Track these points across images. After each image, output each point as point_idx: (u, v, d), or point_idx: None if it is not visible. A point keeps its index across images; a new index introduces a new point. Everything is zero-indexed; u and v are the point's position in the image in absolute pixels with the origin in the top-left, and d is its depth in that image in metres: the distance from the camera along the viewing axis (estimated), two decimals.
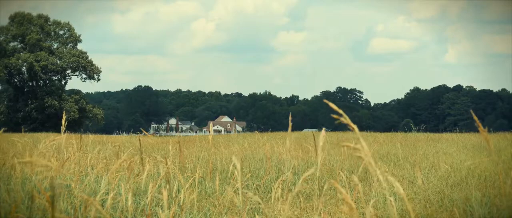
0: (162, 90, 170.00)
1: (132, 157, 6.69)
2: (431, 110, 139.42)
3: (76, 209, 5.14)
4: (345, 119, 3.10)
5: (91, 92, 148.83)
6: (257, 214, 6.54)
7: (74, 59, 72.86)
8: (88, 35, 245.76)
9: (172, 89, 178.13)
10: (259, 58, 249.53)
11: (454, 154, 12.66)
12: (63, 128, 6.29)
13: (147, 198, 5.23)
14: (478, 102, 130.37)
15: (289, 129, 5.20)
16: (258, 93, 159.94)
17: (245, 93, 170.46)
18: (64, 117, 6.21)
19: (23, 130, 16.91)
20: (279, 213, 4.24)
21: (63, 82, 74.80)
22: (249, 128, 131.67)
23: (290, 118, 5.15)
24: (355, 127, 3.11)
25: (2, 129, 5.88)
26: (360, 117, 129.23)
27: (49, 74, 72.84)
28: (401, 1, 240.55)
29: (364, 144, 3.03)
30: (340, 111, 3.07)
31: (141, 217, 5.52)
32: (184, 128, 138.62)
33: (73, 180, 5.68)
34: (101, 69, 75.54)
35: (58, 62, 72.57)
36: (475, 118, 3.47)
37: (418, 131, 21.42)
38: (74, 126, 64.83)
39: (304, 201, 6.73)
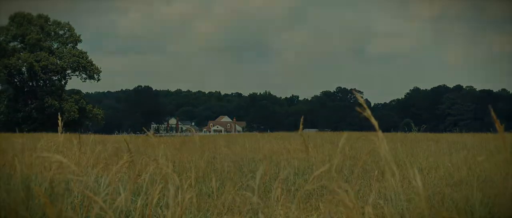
0: (162, 90, 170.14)
1: (132, 158, 6.69)
2: (431, 110, 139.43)
3: (77, 209, 5.13)
4: (368, 115, 3.20)
5: (91, 92, 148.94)
6: (257, 214, 6.55)
7: (74, 59, 72.89)
8: (88, 35, 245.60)
9: (172, 89, 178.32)
10: (259, 58, 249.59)
11: (454, 154, 12.65)
12: (60, 129, 6.29)
13: (147, 198, 5.22)
14: (478, 102, 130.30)
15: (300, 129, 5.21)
16: (258, 93, 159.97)
17: (245, 93, 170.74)
18: (60, 118, 6.21)
19: (20, 130, 16.88)
20: (279, 214, 4.23)
21: (63, 82, 74.85)
22: (249, 128, 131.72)
23: (301, 120, 5.20)
24: (376, 123, 3.21)
25: None
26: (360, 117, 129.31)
27: (49, 74, 72.86)
28: (401, 1, 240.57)
29: (382, 136, 3.06)
30: (365, 105, 3.21)
31: None
32: (184, 128, 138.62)
33: (73, 180, 5.68)
34: (101, 69, 75.64)
35: (58, 62, 72.60)
36: (493, 114, 3.46)
37: (418, 131, 21.44)
38: (74, 126, 64.82)
39: (303, 202, 6.73)
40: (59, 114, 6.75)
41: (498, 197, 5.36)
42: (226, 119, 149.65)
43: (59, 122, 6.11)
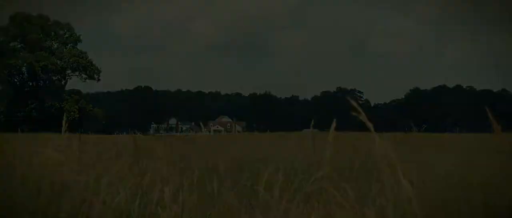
0: (162, 90, 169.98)
1: (132, 158, 6.70)
2: (431, 110, 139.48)
3: (77, 209, 5.13)
4: (363, 117, 3.22)
5: (91, 92, 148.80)
6: (257, 213, 6.54)
7: (74, 59, 72.94)
8: (88, 35, 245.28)
9: (172, 89, 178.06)
10: (259, 58, 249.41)
11: (454, 154, 12.64)
12: (64, 129, 6.28)
13: (147, 198, 5.23)
14: (478, 103, 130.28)
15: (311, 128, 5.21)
16: (258, 94, 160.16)
17: (245, 93, 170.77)
18: (64, 118, 6.21)
19: (20, 130, 16.76)
20: (279, 213, 4.24)
21: (63, 83, 74.91)
22: (249, 128, 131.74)
23: (312, 123, 5.23)
24: (371, 125, 3.23)
25: None
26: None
27: (49, 74, 72.90)
28: (401, 1, 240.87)
29: (377, 137, 3.07)
30: (359, 109, 3.23)
31: None
32: (184, 128, 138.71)
33: (73, 180, 5.68)
34: (101, 69, 75.70)
35: (58, 62, 72.65)
36: (490, 115, 3.48)
37: (418, 130, 21.43)
38: (74, 126, 64.80)
39: (303, 201, 6.72)
40: (64, 114, 6.75)
41: (498, 198, 5.37)
42: (226, 119, 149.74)
43: (63, 122, 6.10)
